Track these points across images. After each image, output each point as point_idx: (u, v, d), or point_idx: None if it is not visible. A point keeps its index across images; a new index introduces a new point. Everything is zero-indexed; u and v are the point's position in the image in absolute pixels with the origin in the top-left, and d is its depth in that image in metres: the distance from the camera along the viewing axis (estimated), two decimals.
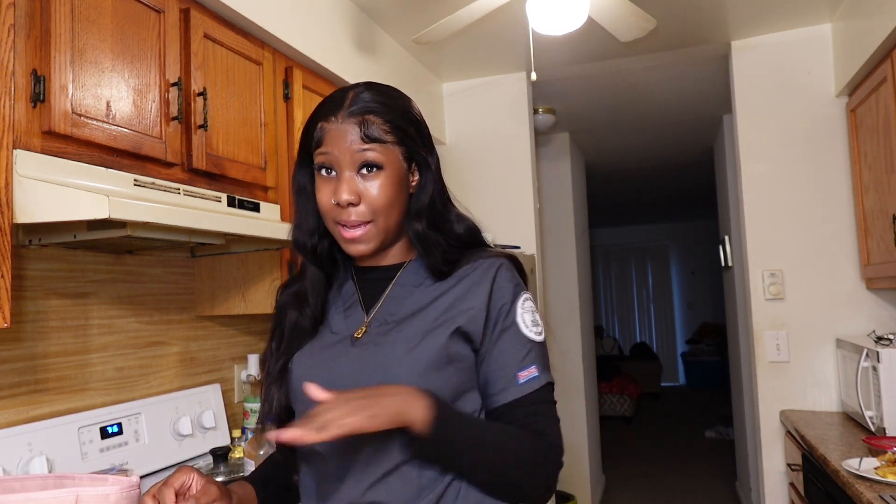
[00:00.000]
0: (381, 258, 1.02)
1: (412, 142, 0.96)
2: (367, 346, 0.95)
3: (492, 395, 0.94)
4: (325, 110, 0.95)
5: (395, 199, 0.94)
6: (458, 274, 0.97)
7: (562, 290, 4.34)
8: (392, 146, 0.94)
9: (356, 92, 0.95)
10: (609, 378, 7.21)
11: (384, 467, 0.88)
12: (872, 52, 2.24)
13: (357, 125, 0.92)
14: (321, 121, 0.95)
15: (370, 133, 0.92)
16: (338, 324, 1.00)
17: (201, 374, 1.98)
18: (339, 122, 0.93)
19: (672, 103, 3.80)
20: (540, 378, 0.93)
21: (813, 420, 2.48)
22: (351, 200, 0.92)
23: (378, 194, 0.92)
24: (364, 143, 0.92)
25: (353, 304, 1.01)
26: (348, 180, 0.92)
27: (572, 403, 4.23)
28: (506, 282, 0.95)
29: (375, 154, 0.92)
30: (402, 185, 0.96)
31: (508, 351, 0.93)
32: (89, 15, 1.27)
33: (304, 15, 2.03)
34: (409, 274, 1.00)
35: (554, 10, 1.83)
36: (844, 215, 2.69)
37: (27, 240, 1.41)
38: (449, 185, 1.07)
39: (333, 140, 0.93)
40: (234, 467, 1.69)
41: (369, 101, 0.94)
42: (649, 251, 9.92)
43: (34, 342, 1.48)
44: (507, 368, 0.93)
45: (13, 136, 1.12)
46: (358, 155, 0.92)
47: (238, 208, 1.62)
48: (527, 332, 0.94)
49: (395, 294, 0.99)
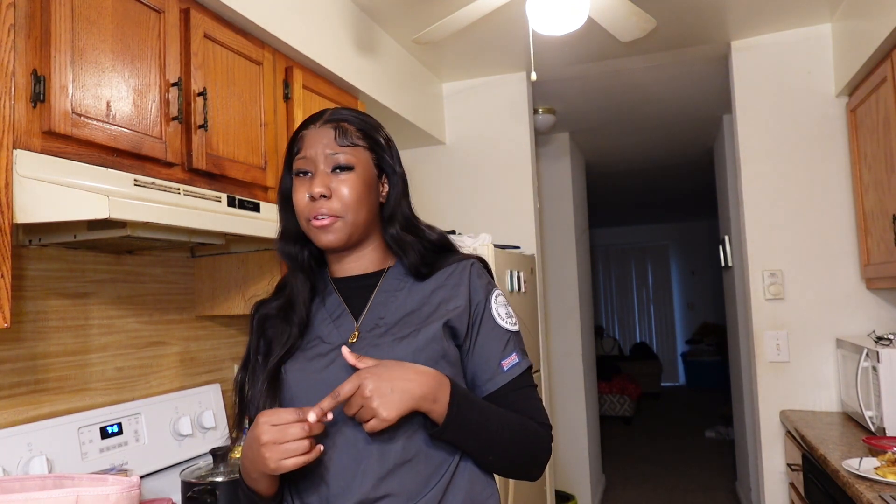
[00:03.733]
0: (360, 266, 1.07)
1: (382, 151, 1.05)
2: (364, 349, 0.97)
3: (480, 385, 1.01)
4: (306, 122, 1.06)
5: (363, 197, 1.01)
6: (438, 275, 1.04)
7: (562, 290, 4.34)
8: (363, 150, 1.03)
9: (335, 109, 1.07)
10: (609, 378, 7.21)
11: (395, 459, 0.93)
12: (872, 52, 2.24)
13: (332, 129, 1.02)
14: (302, 130, 1.05)
15: (344, 136, 1.01)
16: (329, 333, 1.03)
17: (201, 374, 1.99)
18: (317, 128, 1.03)
19: (672, 103, 3.80)
20: (521, 364, 1.03)
21: (813, 420, 2.48)
22: (323, 192, 0.98)
23: (348, 191, 0.99)
24: (338, 146, 1.01)
25: (341, 313, 1.05)
26: (321, 177, 1.00)
27: (572, 403, 4.23)
28: (478, 280, 1.04)
29: (347, 157, 1.01)
30: (371, 187, 1.03)
31: (490, 343, 1.02)
32: (89, 15, 1.27)
33: (304, 15, 2.03)
34: (391, 279, 1.06)
35: (554, 10, 1.83)
36: (844, 215, 2.69)
37: (27, 240, 1.41)
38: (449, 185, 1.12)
39: (310, 144, 1.02)
40: (234, 467, 1.68)
41: (346, 113, 1.05)
42: (649, 251, 9.92)
43: (34, 342, 1.48)
44: (492, 359, 1.01)
45: (13, 136, 1.12)
46: (331, 158, 1.00)
47: (238, 208, 1.62)
48: (503, 323, 1.03)
49: (380, 299, 1.04)
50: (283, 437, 0.85)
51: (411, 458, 0.93)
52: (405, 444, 0.93)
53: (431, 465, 0.94)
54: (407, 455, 0.93)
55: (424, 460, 0.94)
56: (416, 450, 0.94)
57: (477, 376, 1.01)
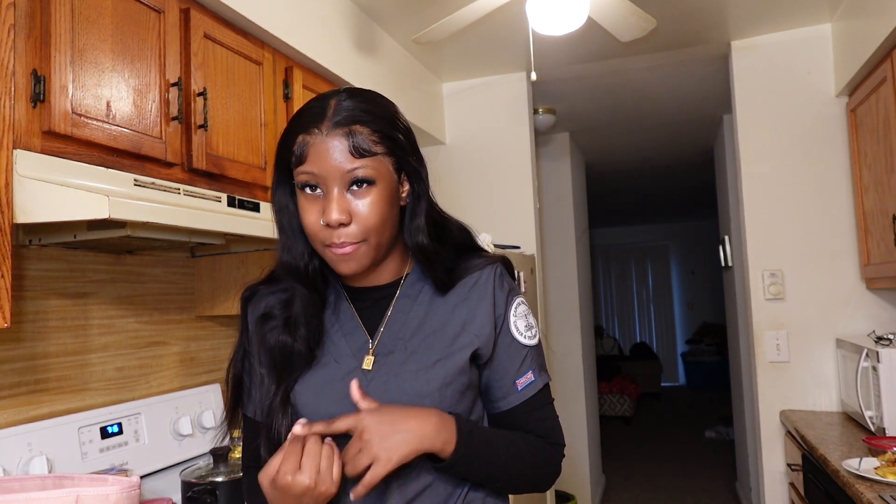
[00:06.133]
0: (376, 278, 0.97)
1: (402, 151, 0.90)
2: (384, 381, 0.91)
3: (492, 402, 0.96)
4: (306, 121, 0.87)
5: (387, 215, 0.88)
6: (460, 288, 0.95)
7: (562, 290, 4.34)
8: (382, 157, 0.87)
9: (338, 100, 0.87)
10: (609, 378, 7.21)
11: (417, 487, 0.90)
12: (872, 52, 2.24)
13: (344, 137, 0.84)
14: (302, 133, 0.86)
15: (359, 146, 0.84)
16: (341, 353, 0.94)
17: (201, 374, 1.98)
18: (324, 135, 0.84)
19: (672, 103, 3.80)
20: (537, 382, 0.96)
21: (813, 420, 2.48)
22: (342, 220, 0.84)
23: (370, 212, 0.86)
24: (354, 158, 0.84)
25: (353, 328, 0.96)
26: (338, 199, 0.85)
27: (572, 403, 4.23)
28: (500, 291, 0.95)
29: (367, 170, 0.85)
30: (393, 200, 0.90)
31: (506, 359, 0.95)
32: (89, 15, 1.27)
33: (304, 15, 2.03)
34: (408, 289, 0.97)
35: (554, 10, 1.83)
36: (844, 215, 2.69)
37: (27, 240, 1.41)
38: (449, 185, 1.07)
39: (318, 156, 0.84)
40: (234, 467, 1.68)
41: (354, 109, 0.86)
42: (649, 251, 9.92)
43: (34, 342, 1.48)
44: (506, 377, 0.95)
45: (13, 136, 1.12)
46: (348, 174, 0.84)
47: (238, 208, 1.62)
48: (520, 338, 0.95)
49: (397, 314, 0.95)
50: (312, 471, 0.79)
51: (431, 484, 0.90)
52: (419, 471, 0.89)
53: (450, 485, 0.92)
54: (426, 482, 0.90)
55: (443, 482, 0.91)
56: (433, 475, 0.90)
57: (491, 392, 0.96)
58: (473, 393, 0.95)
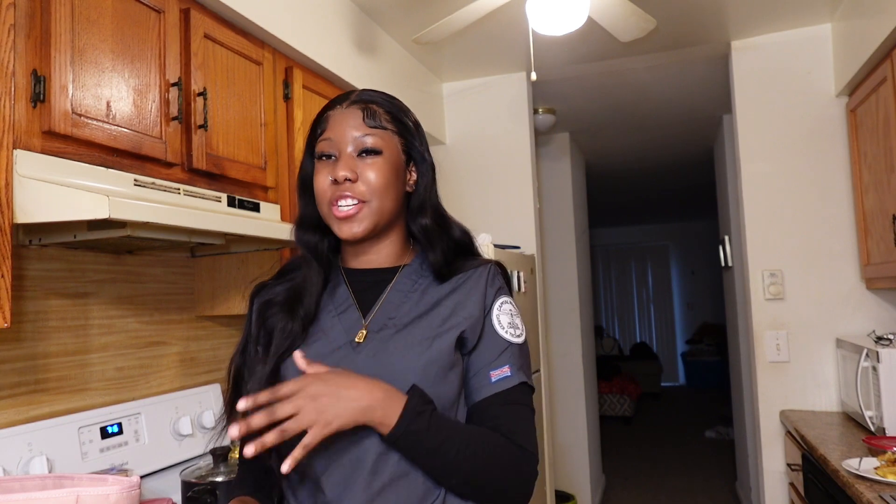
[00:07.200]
0: (375, 259, 1.02)
1: (411, 136, 1.01)
2: (373, 353, 0.93)
3: (468, 395, 0.96)
4: (332, 103, 1.01)
5: (391, 183, 0.96)
6: (456, 280, 0.99)
7: (562, 290, 4.34)
8: (392, 134, 0.98)
9: (363, 90, 1.01)
10: (609, 378, 7.21)
11: (390, 474, 0.89)
12: (872, 52, 2.24)
13: (360, 109, 0.97)
14: (327, 111, 1.00)
15: (372, 118, 0.96)
16: (333, 329, 0.98)
17: (201, 374, 1.98)
18: (344, 109, 0.98)
19: (672, 103, 3.80)
20: (512, 378, 0.94)
21: (813, 420, 2.48)
22: (348, 176, 0.93)
23: (376, 174, 0.95)
24: (366, 128, 0.96)
25: (347, 307, 0.99)
26: (347, 159, 0.95)
27: (572, 403, 4.23)
28: (490, 287, 0.99)
29: (375, 140, 0.96)
30: (398, 174, 0.98)
31: (484, 350, 0.96)
32: (89, 15, 1.27)
33: (304, 15, 2.03)
34: (406, 277, 1.01)
35: (554, 10, 1.83)
36: (844, 215, 2.69)
37: (27, 240, 1.41)
38: (449, 185, 1.08)
39: (336, 125, 0.97)
40: (234, 467, 1.68)
41: (374, 95, 1.00)
42: (649, 251, 9.92)
43: (34, 342, 1.48)
44: (483, 368, 0.95)
45: (13, 136, 1.12)
46: (359, 140, 0.95)
47: (238, 208, 1.62)
48: (502, 332, 0.96)
49: (392, 297, 0.99)
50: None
51: (408, 473, 0.89)
52: (400, 458, 0.89)
53: (428, 482, 0.90)
54: (402, 470, 0.89)
55: (422, 476, 0.89)
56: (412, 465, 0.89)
57: (468, 384, 0.96)
58: (458, 377, 0.94)
